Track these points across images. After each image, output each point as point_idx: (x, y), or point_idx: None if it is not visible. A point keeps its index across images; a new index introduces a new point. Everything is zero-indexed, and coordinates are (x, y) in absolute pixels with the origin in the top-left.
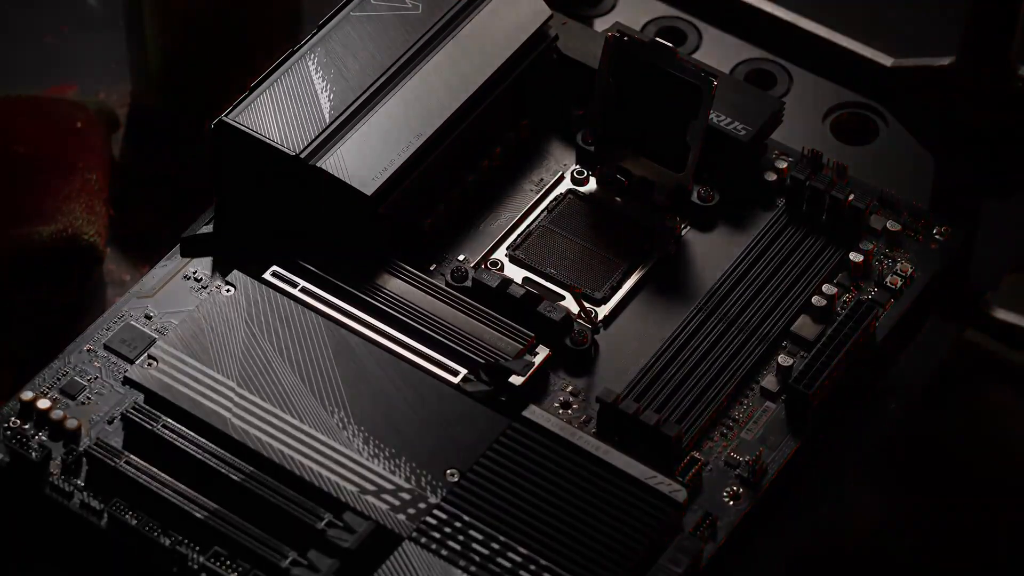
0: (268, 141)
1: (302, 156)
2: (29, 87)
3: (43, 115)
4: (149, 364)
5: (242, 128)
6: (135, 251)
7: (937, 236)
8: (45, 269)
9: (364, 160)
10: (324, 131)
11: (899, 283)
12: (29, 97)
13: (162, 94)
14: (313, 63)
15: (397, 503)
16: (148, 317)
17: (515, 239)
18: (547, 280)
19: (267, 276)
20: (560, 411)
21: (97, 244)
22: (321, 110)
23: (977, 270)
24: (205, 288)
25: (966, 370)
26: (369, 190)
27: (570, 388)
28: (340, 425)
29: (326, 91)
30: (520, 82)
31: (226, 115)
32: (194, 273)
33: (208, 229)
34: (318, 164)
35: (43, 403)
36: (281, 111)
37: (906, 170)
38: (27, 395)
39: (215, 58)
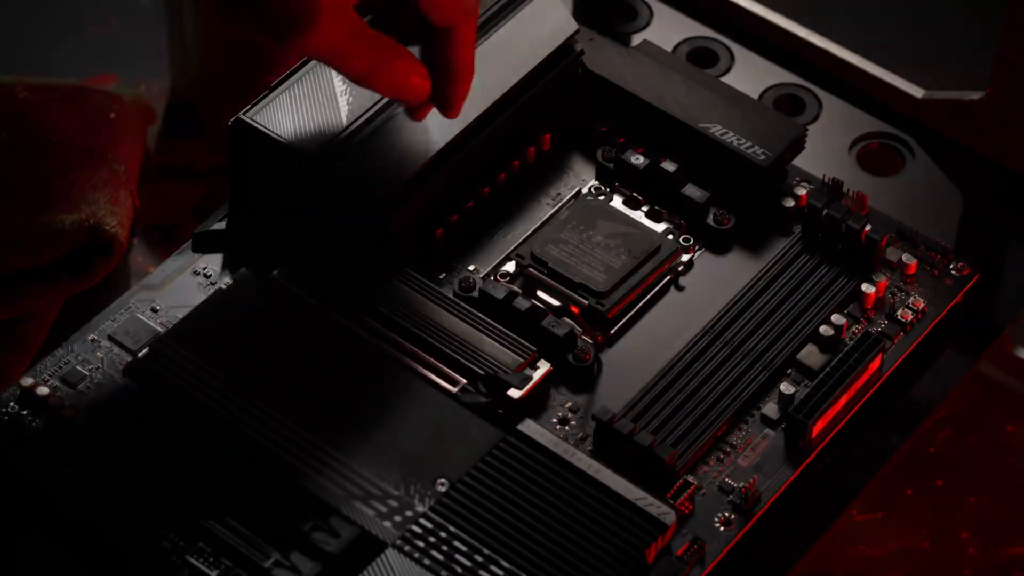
0: (284, 141)
1: (316, 158)
2: (72, 76)
3: (78, 104)
4: (150, 357)
5: (259, 127)
6: (162, 244)
7: (954, 272)
8: (65, 257)
9: (379, 165)
10: (341, 134)
11: (910, 317)
12: (66, 85)
13: (199, 90)
14: None
15: (384, 509)
16: (154, 311)
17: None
18: (554, 296)
19: (274, 275)
20: (557, 427)
21: (119, 235)
22: (339, 113)
23: (1000, 306)
24: (213, 284)
25: (979, 404)
26: (382, 195)
27: (569, 404)
28: (334, 428)
29: (345, 94)
30: (542, 95)
31: (243, 113)
32: (204, 269)
33: (221, 226)
34: (332, 167)
35: (42, 390)
36: (299, 112)
37: (931, 204)
38: (27, 381)
39: (251, 58)
